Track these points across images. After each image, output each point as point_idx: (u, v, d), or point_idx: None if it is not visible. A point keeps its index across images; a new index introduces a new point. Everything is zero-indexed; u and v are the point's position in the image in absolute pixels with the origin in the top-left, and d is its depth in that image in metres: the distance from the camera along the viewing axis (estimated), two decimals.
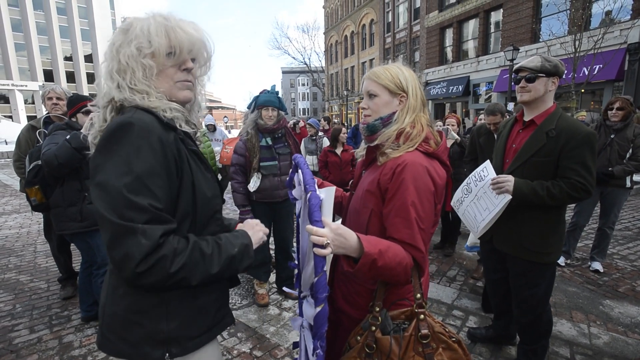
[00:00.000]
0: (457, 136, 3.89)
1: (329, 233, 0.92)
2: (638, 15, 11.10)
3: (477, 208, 2.04)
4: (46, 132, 2.60)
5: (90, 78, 52.96)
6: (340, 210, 1.37)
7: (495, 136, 3.28)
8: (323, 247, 0.90)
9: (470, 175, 2.09)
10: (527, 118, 1.95)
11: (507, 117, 3.01)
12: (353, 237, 0.96)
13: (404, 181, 1.05)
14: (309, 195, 0.97)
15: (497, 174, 1.91)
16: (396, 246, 1.02)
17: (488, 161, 1.98)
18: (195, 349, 0.98)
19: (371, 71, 1.22)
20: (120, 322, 0.92)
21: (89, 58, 52.69)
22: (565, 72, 1.87)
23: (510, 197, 1.82)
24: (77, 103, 2.49)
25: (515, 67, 1.90)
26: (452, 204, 2.32)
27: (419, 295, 1.09)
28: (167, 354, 0.93)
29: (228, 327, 1.10)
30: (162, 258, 0.78)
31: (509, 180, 1.81)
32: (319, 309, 0.93)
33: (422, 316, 1.07)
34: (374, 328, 1.07)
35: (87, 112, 2.50)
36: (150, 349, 0.91)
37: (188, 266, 0.82)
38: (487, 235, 2.11)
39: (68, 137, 2.21)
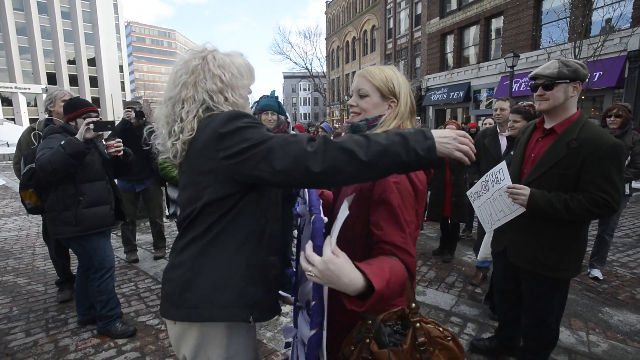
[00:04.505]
0: None
1: (320, 265, 0.81)
2: (638, 23, 11.14)
3: (493, 208, 2.00)
4: (41, 134, 2.59)
5: (93, 81, 53.32)
6: (325, 211, 1.38)
7: (500, 138, 3.30)
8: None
9: (488, 173, 2.02)
10: (547, 126, 1.83)
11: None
12: (348, 275, 0.81)
13: (388, 184, 1.03)
14: (313, 217, 0.95)
15: (513, 183, 1.84)
16: (394, 267, 0.95)
17: (504, 163, 1.90)
18: (266, 319, 1.11)
19: (366, 69, 1.19)
20: (211, 287, 1.04)
21: (92, 62, 53.06)
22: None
23: (525, 209, 1.76)
24: (80, 108, 2.46)
25: (531, 74, 1.81)
26: (469, 194, 2.28)
27: (413, 305, 1.05)
28: (251, 317, 1.05)
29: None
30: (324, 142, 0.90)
31: (524, 194, 1.73)
32: (313, 331, 0.91)
33: (418, 325, 1.03)
34: (367, 340, 1.02)
35: (88, 118, 2.46)
36: (238, 310, 1.04)
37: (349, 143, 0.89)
38: (501, 246, 2.05)
39: (63, 142, 2.17)
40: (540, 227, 1.82)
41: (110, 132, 2.42)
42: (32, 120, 36.59)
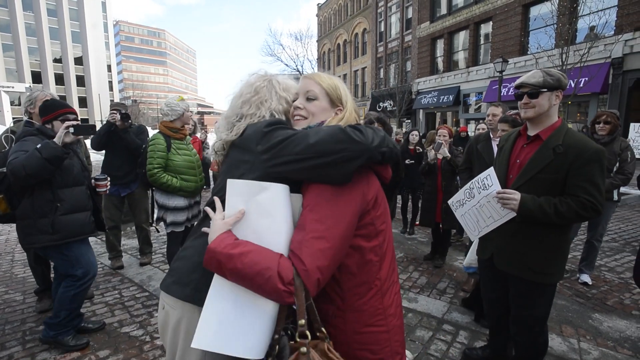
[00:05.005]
0: (448, 154, 3.89)
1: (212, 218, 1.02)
2: (621, 31, 11.44)
3: (481, 215, 2.01)
4: (13, 137, 2.46)
5: (80, 81, 52.26)
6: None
7: (493, 144, 3.29)
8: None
9: (473, 180, 2.04)
10: (531, 133, 1.88)
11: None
12: (211, 233, 0.96)
13: (310, 187, 0.98)
14: None
15: (501, 188, 1.87)
16: (265, 254, 0.89)
17: (492, 169, 1.92)
18: None
19: (313, 73, 1.19)
20: (200, 278, 1.07)
21: (79, 60, 52.04)
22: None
23: (515, 214, 1.78)
24: (57, 109, 2.33)
25: (516, 82, 1.85)
26: (450, 203, 2.30)
27: (302, 322, 0.88)
28: None
29: None
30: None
31: (515, 198, 1.76)
32: None
33: (303, 349, 0.87)
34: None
35: (66, 121, 2.32)
36: None
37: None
38: (487, 253, 2.05)
39: (39, 146, 2.04)
40: (529, 232, 1.84)
41: (92, 135, 2.33)
42: (16, 120, 35.65)
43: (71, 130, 2.11)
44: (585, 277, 3.62)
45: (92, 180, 2.55)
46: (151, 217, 3.15)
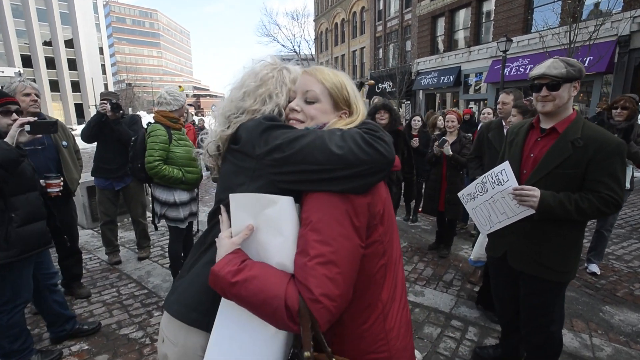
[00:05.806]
0: (450, 152, 3.73)
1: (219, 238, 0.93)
2: (629, 8, 11.04)
3: (493, 210, 1.92)
4: None
5: (72, 64, 50.97)
6: None
7: (505, 132, 3.13)
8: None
9: (486, 174, 1.93)
10: (545, 126, 1.77)
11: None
12: (218, 254, 0.88)
13: (309, 198, 0.87)
14: None
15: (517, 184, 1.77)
16: (272, 281, 0.80)
17: (507, 163, 1.81)
18: None
19: (316, 68, 1.00)
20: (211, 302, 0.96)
21: (69, 43, 50.61)
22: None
23: (534, 211, 1.68)
24: None
25: (534, 73, 1.71)
26: (460, 196, 2.20)
27: (308, 354, 0.81)
28: None
29: None
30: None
31: (535, 195, 1.65)
32: None
33: None
34: None
35: (7, 113, 1.98)
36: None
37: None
38: (500, 251, 1.96)
39: None
40: (546, 230, 1.75)
41: (54, 133, 2.07)
42: None
43: (27, 128, 1.81)
44: (594, 267, 3.54)
45: (42, 181, 2.29)
46: (153, 217, 2.95)
